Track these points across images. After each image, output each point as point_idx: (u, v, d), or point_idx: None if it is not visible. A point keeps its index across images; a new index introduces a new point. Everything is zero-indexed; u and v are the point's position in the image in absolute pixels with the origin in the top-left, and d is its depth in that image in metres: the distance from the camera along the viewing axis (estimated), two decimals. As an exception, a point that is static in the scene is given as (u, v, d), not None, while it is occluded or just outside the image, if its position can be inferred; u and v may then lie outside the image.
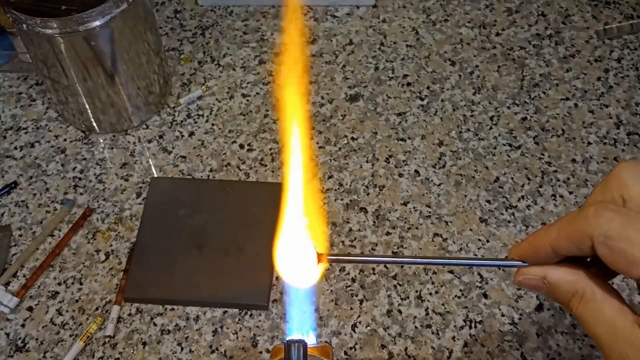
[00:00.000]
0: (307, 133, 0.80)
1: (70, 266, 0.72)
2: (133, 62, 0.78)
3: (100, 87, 0.77)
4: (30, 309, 0.69)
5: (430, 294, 0.69)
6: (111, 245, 0.73)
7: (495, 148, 0.80)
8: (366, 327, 0.67)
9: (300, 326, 0.57)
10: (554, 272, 0.42)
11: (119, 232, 0.74)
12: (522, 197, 0.75)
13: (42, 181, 0.79)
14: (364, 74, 0.87)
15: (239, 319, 0.68)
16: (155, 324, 0.68)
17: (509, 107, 0.83)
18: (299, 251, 0.45)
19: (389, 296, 0.68)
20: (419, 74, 0.87)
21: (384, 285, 0.69)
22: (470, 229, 0.73)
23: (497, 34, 0.91)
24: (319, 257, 0.45)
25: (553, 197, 0.75)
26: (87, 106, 0.79)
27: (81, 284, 0.71)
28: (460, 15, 0.93)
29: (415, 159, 0.79)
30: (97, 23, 0.71)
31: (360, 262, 0.70)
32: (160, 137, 0.82)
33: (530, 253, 0.43)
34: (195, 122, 0.83)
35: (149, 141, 0.82)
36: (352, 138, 0.81)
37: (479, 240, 0.72)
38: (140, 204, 0.76)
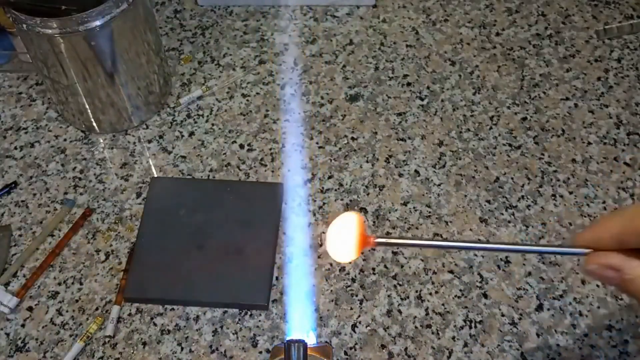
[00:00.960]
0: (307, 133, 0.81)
1: (70, 266, 0.72)
2: (133, 62, 0.78)
3: (100, 87, 0.77)
4: (30, 309, 0.69)
5: (430, 294, 0.69)
6: (111, 245, 0.73)
7: (495, 148, 0.80)
8: (366, 327, 0.67)
9: (300, 326, 0.57)
10: (636, 265, 0.41)
11: (119, 232, 0.74)
12: (522, 197, 0.75)
13: (42, 181, 0.79)
14: (364, 74, 0.87)
15: (239, 319, 0.68)
16: (155, 324, 0.68)
17: (509, 107, 0.83)
18: (347, 229, 0.46)
19: (389, 296, 0.68)
20: (419, 74, 0.87)
21: (384, 285, 0.69)
22: (470, 229, 0.73)
23: (497, 34, 0.91)
24: (367, 239, 0.46)
25: (553, 197, 0.75)
26: (87, 106, 0.79)
27: (81, 284, 0.71)
28: (460, 15, 0.93)
29: (415, 159, 0.79)
30: (97, 23, 0.71)
31: (408, 245, 0.69)
32: (160, 137, 0.82)
33: (594, 243, 0.43)
34: (195, 122, 0.83)
35: (149, 141, 0.82)
36: (352, 138, 0.81)
37: (479, 240, 0.72)
38: (140, 204, 0.76)
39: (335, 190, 0.76)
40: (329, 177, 0.78)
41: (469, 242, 0.71)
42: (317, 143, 0.81)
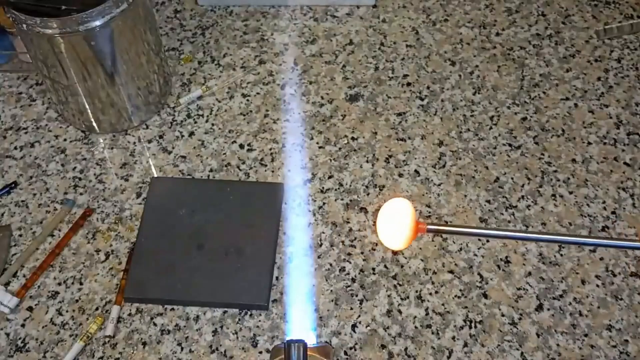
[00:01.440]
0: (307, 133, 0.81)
1: (70, 266, 0.72)
2: (133, 62, 0.78)
3: (100, 87, 0.77)
4: (30, 309, 0.69)
5: (430, 294, 0.69)
6: (111, 245, 0.73)
7: (495, 148, 0.80)
8: (366, 327, 0.67)
9: (300, 326, 0.57)
10: None
11: (119, 232, 0.74)
12: (522, 197, 0.75)
13: (42, 181, 0.79)
14: (364, 74, 0.87)
15: (239, 319, 0.68)
16: (155, 324, 0.68)
17: (509, 107, 0.83)
18: (402, 216, 0.46)
19: (389, 296, 0.68)
20: (419, 74, 0.87)
21: (384, 285, 0.69)
22: (470, 229, 0.73)
23: (497, 34, 0.91)
24: (419, 225, 0.46)
25: (553, 197, 0.75)
26: (87, 106, 0.79)
27: (81, 284, 0.71)
28: (460, 15, 0.93)
29: (415, 159, 0.79)
30: (97, 23, 0.71)
31: (460, 233, 0.68)
32: (160, 137, 0.82)
33: None
34: (195, 122, 0.83)
35: (149, 141, 0.82)
36: (352, 138, 0.81)
37: (479, 240, 0.72)
38: (140, 204, 0.76)
39: (335, 190, 0.76)
40: (329, 177, 0.78)
41: (524, 232, 0.70)
42: (317, 143, 0.81)
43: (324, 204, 0.75)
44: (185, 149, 0.81)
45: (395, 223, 0.46)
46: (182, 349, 0.66)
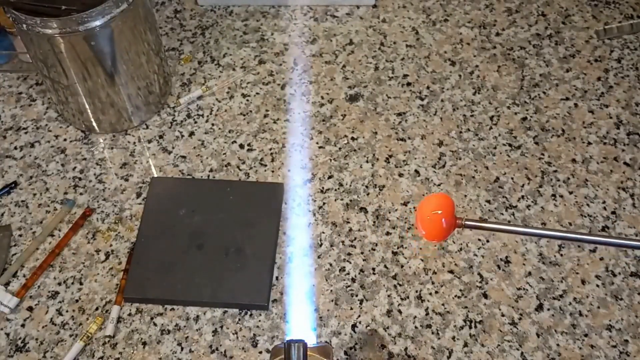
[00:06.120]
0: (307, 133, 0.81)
1: (70, 266, 0.72)
2: (133, 62, 0.78)
3: (100, 87, 0.77)
4: (30, 309, 0.69)
5: (430, 294, 0.69)
6: (111, 245, 0.73)
7: (495, 148, 0.80)
8: (366, 327, 0.67)
9: (301, 326, 0.57)
10: None
11: (119, 232, 0.74)
12: (522, 197, 0.75)
13: (42, 181, 0.79)
14: (364, 74, 0.87)
15: (239, 319, 0.68)
16: (155, 324, 0.68)
17: (509, 107, 0.83)
18: (441, 210, 0.47)
19: (389, 296, 0.68)
20: (419, 74, 0.87)
21: (384, 285, 0.69)
22: (470, 229, 0.73)
23: (497, 34, 0.91)
24: (457, 220, 0.47)
25: (553, 197, 0.75)
26: (87, 106, 0.79)
27: (81, 284, 0.71)
28: (460, 15, 0.93)
29: (415, 159, 0.79)
30: (97, 23, 0.71)
31: (497, 230, 0.68)
32: (160, 137, 0.82)
33: None
34: (195, 122, 0.83)
35: (149, 141, 0.82)
36: (352, 138, 0.81)
37: (479, 240, 0.72)
38: (140, 204, 0.76)
39: (335, 190, 0.76)
40: (329, 177, 0.78)
41: (562, 231, 0.70)
42: (317, 143, 0.81)
43: (324, 204, 0.75)
44: (185, 149, 0.81)
45: (433, 215, 0.47)
46: (182, 349, 0.66)
